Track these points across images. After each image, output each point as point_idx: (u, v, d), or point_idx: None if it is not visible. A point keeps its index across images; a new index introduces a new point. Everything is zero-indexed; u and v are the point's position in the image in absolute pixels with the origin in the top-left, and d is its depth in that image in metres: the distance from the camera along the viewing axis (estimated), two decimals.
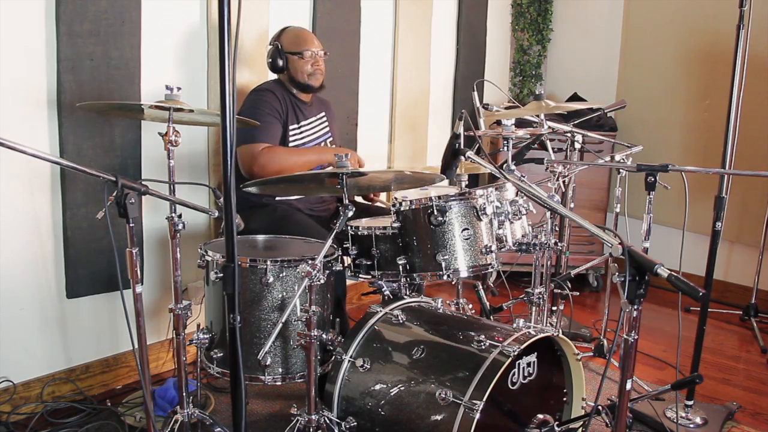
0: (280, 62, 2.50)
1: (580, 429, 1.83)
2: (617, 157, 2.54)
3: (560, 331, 1.89)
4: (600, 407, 1.71)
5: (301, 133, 2.54)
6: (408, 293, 2.04)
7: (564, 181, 2.64)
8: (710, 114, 3.62)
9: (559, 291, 2.78)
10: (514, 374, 1.66)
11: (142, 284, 1.63)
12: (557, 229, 2.43)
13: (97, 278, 2.37)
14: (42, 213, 2.25)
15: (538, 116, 2.74)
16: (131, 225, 1.56)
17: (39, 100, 2.18)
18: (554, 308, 2.83)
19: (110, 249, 1.98)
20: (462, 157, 1.68)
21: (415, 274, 1.96)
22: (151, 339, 2.53)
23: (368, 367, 1.79)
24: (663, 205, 2.88)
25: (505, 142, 2.33)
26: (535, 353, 1.71)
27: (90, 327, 2.42)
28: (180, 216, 1.83)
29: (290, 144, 2.50)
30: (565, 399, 1.88)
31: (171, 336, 2.07)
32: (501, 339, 1.66)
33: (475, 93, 2.94)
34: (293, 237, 2.19)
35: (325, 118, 2.68)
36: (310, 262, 1.67)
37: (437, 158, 1.76)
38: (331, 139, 2.68)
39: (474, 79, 3.70)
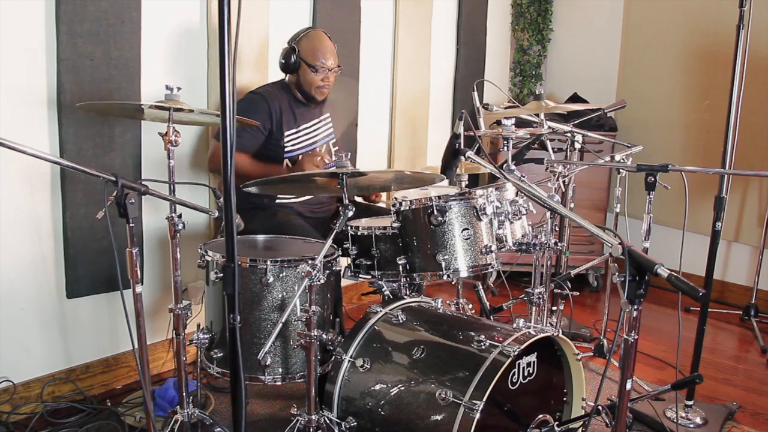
0: (292, 65, 2.46)
1: (580, 429, 1.83)
2: (617, 157, 2.54)
3: (560, 331, 1.89)
4: (600, 407, 1.71)
5: (299, 137, 2.52)
6: (408, 293, 2.04)
7: (564, 181, 2.64)
8: (710, 114, 3.62)
9: (559, 291, 2.78)
10: (514, 374, 1.66)
11: (142, 284, 1.63)
12: (557, 229, 2.43)
13: (97, 278, 2.37)
14: (42, 213, 2.25)
15: (538, 116, 2.74)
16: (131, 225, 1.56)
17: (39, 100, 2.18)
18: (554, 308, 2.83)
19: (110, 249, 1.97)
20: (462, 157, 1.68)
21: (415, 274, 1.96)
22: (151, 339, 2.53)
23: (368, 367, 1.79)
24: (663, 205, 2.88)
25: (505, 142, 2.33)
26: (535, 353, 1.70)
27: (90, 327, 2.42)
28: (180, 216, 1.83)
29: (286, 149, 2.48)
30: (565, 399, 1.88)
31: (171, 336, 2.07)
32: (501, 339, 1.66)
33: (475, 93, 2.94)
34: (293, 237, 2.19)
35: (329, 120, 2.67)
36: (310, 262, 1.67)
37: (437, 158, 1.76)
38: (333, 140, 2.67)
39: (474, 79, 3.70)
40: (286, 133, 2.49)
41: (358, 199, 2.75)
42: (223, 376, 1.94)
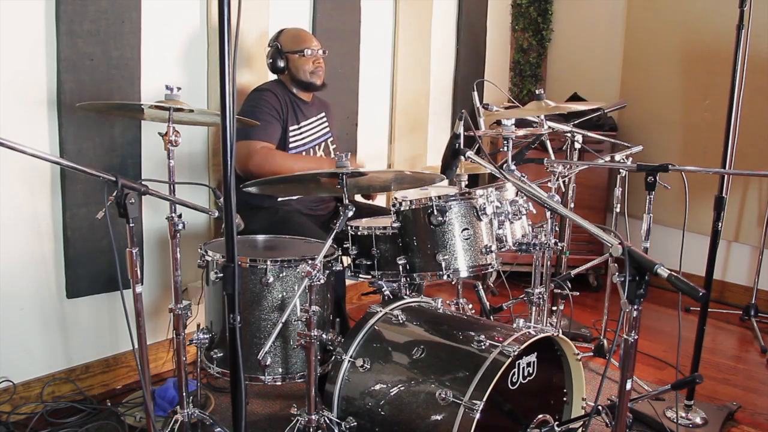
0: (281, 63, 2.51)
1: (580, 429, 1.83)
2: (617, 157, 2.54)
3: (560, 331, 1.89)
4: (600, 407, 1.71)
5: (301, 133, 2.54)
6: (408, 293, 2.04)
7: (564, 181, 2.64)
8: (710, 114, 3.62)
9: (559, 291, 2.78)
10: (514, 374, 1.66)
11: (142, 284, 1.63)
12: (557, 229, 2.44)
13: (97, 278, 2.37)
14: (42, 213, 2.25)
15: (538, 116, 2.74)
16: (131, 225, 1.56)
17: (39, 100, 2.18)
18: (554, 308, 2.83)
19: (110, 249, 1.98)
20: (462, 157, 1.68)
21: (415, 274, 1.96)
22: (151, 339, 2.53)
23: (368, 367, 1.79)
24: (663, 205, 2.88)
25: (505, 142, 2.33)
26: (535, 353, 1.70)
27: (90, 327, 2.42)
28: (180, 216, 1.83)
29: (291, 144, 2.50)
30: (565, 399, 1.88)
31: (171, 336, 2.07)
32: (501, 339, 1.66)
33: (475, 93, 2.94)
34: (293, 237, 2.19)
35: (325, 119, 2.68)
36: (310, 262, 1.67)
37: (437, 158, 1.76)
38: (331, 139, 2.68)
39: (474, 79, 3.69)
40: (291, 128, 2.50)
41: (358, 198, 2.75)
42: (223, 376, 1.94)
